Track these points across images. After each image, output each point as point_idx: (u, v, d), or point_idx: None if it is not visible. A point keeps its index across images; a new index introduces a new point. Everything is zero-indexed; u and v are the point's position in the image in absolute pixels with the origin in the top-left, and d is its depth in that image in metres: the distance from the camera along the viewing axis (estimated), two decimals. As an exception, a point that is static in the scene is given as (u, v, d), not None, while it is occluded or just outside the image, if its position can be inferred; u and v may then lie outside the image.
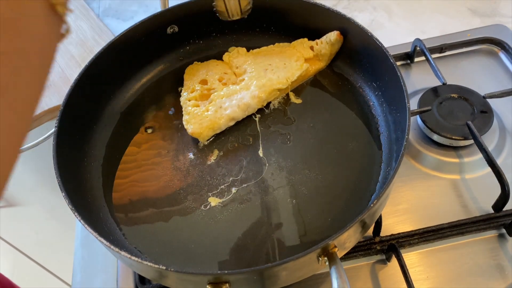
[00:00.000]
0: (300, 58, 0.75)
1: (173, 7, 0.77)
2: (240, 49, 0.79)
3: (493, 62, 0.85)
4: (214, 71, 0.77)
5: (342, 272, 0.48)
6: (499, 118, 0.76)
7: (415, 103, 0.76)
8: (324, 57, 0.76)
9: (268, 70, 0.74)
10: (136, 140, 0.72)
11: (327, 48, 0.74)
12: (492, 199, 0.66)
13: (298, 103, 0.74)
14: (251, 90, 0.72)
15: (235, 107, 0.71)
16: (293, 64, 0.75)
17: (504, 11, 0.95)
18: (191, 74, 0.78)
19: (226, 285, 0.49)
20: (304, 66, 0.74)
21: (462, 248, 0.65)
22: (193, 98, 0.74)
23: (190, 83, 0.76)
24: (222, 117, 0.71)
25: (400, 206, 0.70)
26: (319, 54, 0.76)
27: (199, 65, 0.79)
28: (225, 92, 0.73)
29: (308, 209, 0.63)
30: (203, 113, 0.71)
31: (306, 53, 0.76)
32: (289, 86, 0.74)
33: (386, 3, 1.00)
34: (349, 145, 0.68)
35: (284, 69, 0.74)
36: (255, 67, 0.75)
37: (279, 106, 0.74)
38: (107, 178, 0.68)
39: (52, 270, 1.45)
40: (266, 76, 0.73)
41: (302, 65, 0.74)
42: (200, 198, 0.65)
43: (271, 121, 0.73)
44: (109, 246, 0.51)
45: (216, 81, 0.75)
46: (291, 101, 0.74)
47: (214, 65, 0.78)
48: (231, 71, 0.77)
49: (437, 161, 0.73)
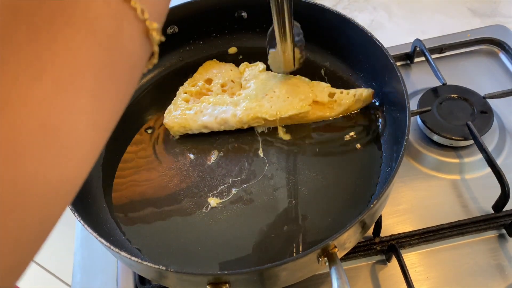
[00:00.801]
0: (307, 99, 0.70)
1: (173, 7, 0.77)
2: (261, 64, 0.75)
3: (493, 62, 0.85)
4: (224, 75, 0.76)
5: (342, 272, 0.48)
6: (499, 118, 0.76)
7: (415, 103, 0.76)
8: (340, 108, 0.70)
9: (269, 96, 0.70)
10: (136, 140, 0.72)
11: (351, 102, 0.69)
12: (492, 200, 0.66)
13: (285, 139, 0.70)
14: (237, 108, 0.70)
15: (212, 118, 0.70)
16: (295, 101, 0.70)
17: (504, 11, 0.95)
18: (204, 69, 0.78)
19: (226, 285, 0.49)
20: (304, 107, 0.69)
21: (462, 248, 0.65)
22: (189, 92, 0.74)
23: (197, 77, 0.76)
24: (197, 121, 0.70)
25: (400, 206, 0.70)
26: (337, 103, 0.70)
27: (215, 64, 0.78)
28: (215, 100, 0.72)
29: (308, 209, 0.63)
30: (185, 110, 0.72)
31: (320, 96, 0.70)
32: (278, 120, 0.69)
33: (386, 3, 1.00)
34: (349, 145, 0.68)
35: (284, 102, 0.70)
36: (259, 88, 0.72)
37: (263, 132, 0.71)
38: (107, 178, 0.68)
39: (52, 270, 1.45)
40: (261, 101, 0.70)
41: (304, 106, 0.69)
42: (200, 198, 0.65)
43: (271, 121, 0.73)
44: (109, 246, 0.51)
45: (218, 85, 0.75)
46: (278, 134, 0.71)
47: (229, 69, 0.77)
48: (239, 81, 0.76)
49: (437, 161, 0.73)
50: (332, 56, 0.78)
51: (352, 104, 0.70)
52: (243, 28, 0.81)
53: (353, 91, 0.70)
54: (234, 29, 0.81)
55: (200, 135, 0.72)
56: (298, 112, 0.69)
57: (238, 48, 0.82)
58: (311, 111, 0.70)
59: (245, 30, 0.81)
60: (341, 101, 0.70)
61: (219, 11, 0.79)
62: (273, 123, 0.70)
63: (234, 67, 0.77)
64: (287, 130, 0.71)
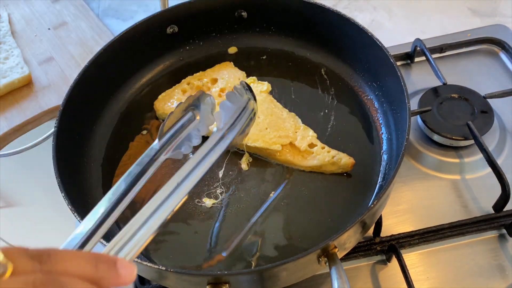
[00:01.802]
0: (284, 138, 0.67)
1: (173, 7, 0.77)
2: (268, 86, 0.73)
3: (493, 62, 0.85)
4: (228, 81, 0.75)
5: (342, 272, 0.48)
6: (499, 118, 0.76)
7: (415, 103, 0.76)
8: (313, 161, 0.65)
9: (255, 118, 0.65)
10: (136, 140, 0.72)
11: (326, 161, 0.65)
12: (492, 199, 0.66)
13: (245, 169, 0.67)
14: None
15: None
16: (271, 135, 0.67)
17: (504, 11, 0.95)
18: (218, 68, 0.78)
19: (226, 285, 0.49)
20: (273, 144, 0.66)
21: (463, 248, 0.65)
22: (191, 84, 0.75)
23: (208, 73, 0.77)
24: None
25: (400, 206, 0.69)
26: (313, 156, 0.66)
27: (230, 67, 0.78)
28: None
29: (308, 209, 0.63)
30: (176, 100, 0.73)
31: (300, 141, 0.67)
32: (245, 147, 0.67)
33: (386, 3, 1.00)
34: (349, 145, 0.68)
35: (260, 131, 0.67)
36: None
37: (235, 150, 0.69)
38: (107, 178, 0.68)
39: (52, 270, 1.45)
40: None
41: (274, 143, 0.66)
42: (200, 198, 0.65)
43: (271, 121, 0.72)
44: (108, 247, 0.51)
45: (218, 88, 0.74)
46: (240, 164, 0.68)
47: (237, 77, 0.75)
48: None
49: (438, 161, 0.73)
50: (332, 56, 0.77)
51: (327, 164, 0.65)
52: (243, 28, 0.81)
53: (335, 152, 0.65)
54: (234, 29, 0.81)
55: (200, 135, 0.72)
56: (266, 147, 0.66)
57: (238, 48, 0.82)
58: (281, 152, 0.66)
59: (245, 30, 0.81)
60: (317, 155, 0.65)
61: (219, 11, 0.79)
62: (240, 146, 0.68)
63: (244, 77, 0.76)
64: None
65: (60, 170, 0.58)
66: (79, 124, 0.68)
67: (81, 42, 0.95)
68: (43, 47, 0.95)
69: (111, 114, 0.74)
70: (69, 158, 0.64)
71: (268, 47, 0.81)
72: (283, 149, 0.67)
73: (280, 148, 0.66)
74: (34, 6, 1.03)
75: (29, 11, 1.02)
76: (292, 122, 0.69)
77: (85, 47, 0.94)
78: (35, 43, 0.96)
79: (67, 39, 0.96)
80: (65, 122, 0.64)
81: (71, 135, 0.66)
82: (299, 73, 0.78)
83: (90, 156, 0.69)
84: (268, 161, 0.68)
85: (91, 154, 0.70)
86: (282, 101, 0.74)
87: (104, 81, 0.73)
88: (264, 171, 0.67)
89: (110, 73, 0.73)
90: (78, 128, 0.68)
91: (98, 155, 0.70)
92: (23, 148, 0.91)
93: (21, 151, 0.92)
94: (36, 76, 0.90)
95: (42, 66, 0.92)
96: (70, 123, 0.65)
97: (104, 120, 0.73)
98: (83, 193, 0.65)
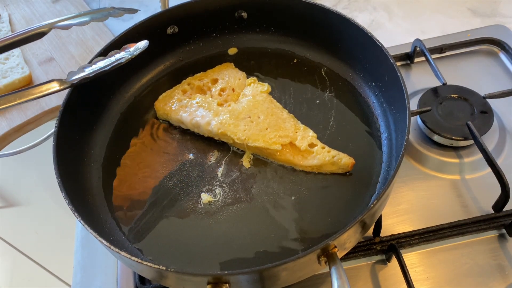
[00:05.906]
0: (284, 137, 0.67)
1: (173, 7, 0.77)
2: (268, 87, 0.74)
3: (493, 62, 0.85)
4: (228, 81, 0.75)
5: (342, 272, 0.48)
6: (499, 118, 0.76)
7: (415, 103, 0.76)
8: (313, 161, 0.65)
9: (250, 119, 0.69)
10: (136, 141, 0.72)
11: (326, 160, 0.65)
12: (492, 199, 0.66)
13: (247, 167, 0.68)
14: (215, 118, 0.69)
15: (189, 118, 0.70)
16: (271, 135, 0.67)
17: (504, 11, 0.95)
18: (219, 69, 0.78)
19: (226, 285, 0.49)
20: (273, 144, 0.66)
21: (462, 248, 0.65)
22: (192, 84, 0.76)
23: (208, 74, 0.77)
24: (178, 115, 0.72)
25: (400, 206, 0.70)
26: (313, 155, 0.66)
27: (231, 68, 0.78)
28: (202, 101, 0.72)
29: (308, 209, 0.63)
30: (176, 101, 0.73)
31: (300, 141, 0.67)
32: (245, 146, 0.68)
33: (386, 3, 1.00)
34: (349, 145, 0.68)
35: (260, 131, 0.67)
36: (247, 107, 0.70)
37: (234, 150, 0.70)
38: (107, 178, 0.68)
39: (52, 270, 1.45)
40: (240, 120, 0.68)
41: (274, 143, 0.66)
42: (200, 198, 0.65)
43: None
44: (109, 246, 0.51)
45: (218, 89, 0.75)
46: (242, 162, 0.68)
47: (237, 77, 0.76)
48: (239, 92, 0.74)
49: (437, 161, 0.73)
50: (332, 56, 0.77)
51: (327, 164, 0.65)
52: (243, 28, 0.81)
53: (335, 152, 0.65)
54: (234, 29, 0.81)
55: (200, 135, 0.72)
56: (266, 147, 0.66)
57: (238, 49, 0.82)
58: (281, 152, 0.67)
59: (245, 30, 0.81)
60: (317, 155, 0.65)
61: (219, 11, 0.79)
62: (241, 146, 0.69)
63: (244, 78, 0.76)
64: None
65: (60, 170, 0.58)
66: (79, 124, 0.68)
67: (81, 42, 0.95)
68: (43, 47, 0.95)
69: (111, 114, 0.74)
70: (69, 158, 0.64)
71: (268, 47, 0.81)
72: (283, 149, 0.67)
73: (280, 148, 0.66)
74: (35, 6, 1.03)
75: (30, 11, 1.02)
76: (292, 122, 0.69)
77: (85, 47, 0.95)
78: (36, 43, 0.96)
79: (67, 39, 0.96)
80: (66, 122, 0.64)
81: (72, 135, 0.66)
82: (299, 73, 0.78)
83: (90, 156, 0.69)
84: (268, 161, 0.68)
85: (91, 154, 0.70)
86: (282, 101, 0.74)
87: (104, 81, 0.73)
88: (264, 171, 0.67)
89: (110, 73, 0.73)
90: (78, 128, 0.68)
91: (98, 155, 0.70)
92: (23, 148, 0.92)
93: (21, 151, 0.93)
94: (36, 76, 0.90)
95: (42, 66, 0.92)
96: (71, 123, 0.65)
97: (104, 120, 0.73)
98: (83, 193, 0.65)
